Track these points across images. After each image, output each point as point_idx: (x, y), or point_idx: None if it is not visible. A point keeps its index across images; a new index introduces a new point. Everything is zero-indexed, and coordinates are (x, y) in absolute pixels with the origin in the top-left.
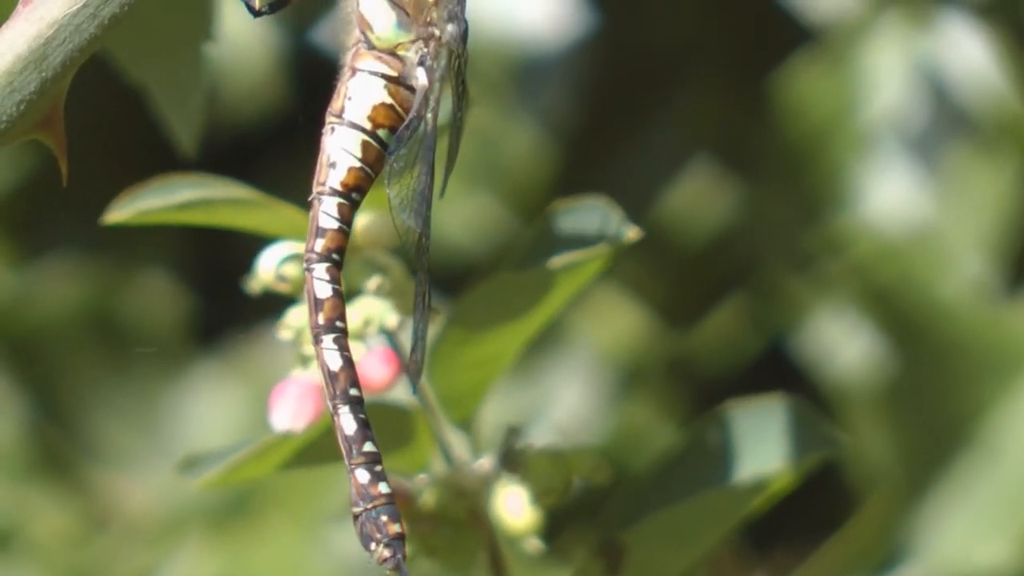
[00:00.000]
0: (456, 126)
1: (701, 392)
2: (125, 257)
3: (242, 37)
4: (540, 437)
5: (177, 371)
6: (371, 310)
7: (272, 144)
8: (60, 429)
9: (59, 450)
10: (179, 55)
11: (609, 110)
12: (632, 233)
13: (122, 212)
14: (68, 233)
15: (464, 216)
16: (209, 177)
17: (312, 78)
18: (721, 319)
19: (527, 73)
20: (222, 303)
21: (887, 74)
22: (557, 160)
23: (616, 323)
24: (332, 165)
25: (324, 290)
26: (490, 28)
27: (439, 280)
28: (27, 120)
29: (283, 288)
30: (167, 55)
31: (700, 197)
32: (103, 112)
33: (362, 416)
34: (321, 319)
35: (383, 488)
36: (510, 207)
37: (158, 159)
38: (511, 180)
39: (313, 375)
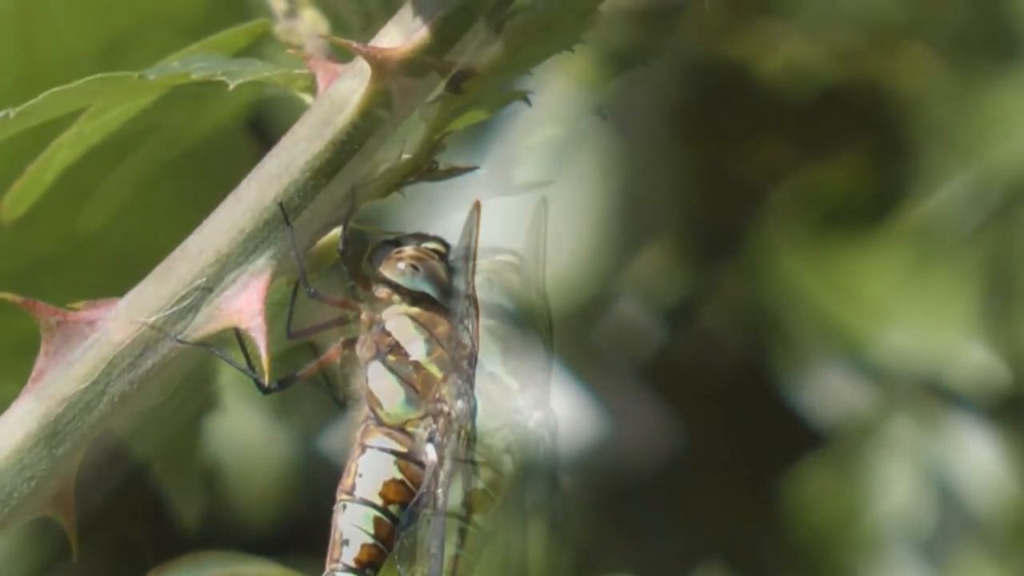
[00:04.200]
0: (466, 503)
1: None
2: None
3: (251, 445)
4: None
5: None
6: None
7: (282, 552)
8: None
9: None
10: (179, 426)
11: (614, 517)
12: None
13: None
14: None
15: None
16: (237, 555)
17: (321, 487)
18: None
19: (529, 474)
20: None
21: (895, 477)
22: (565, 564)
23: None
24: (345, 542)
25: None
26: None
27: None
28: (37, 497)
29: None
30: (168, 427)
31: None
32: (113, 490)
33: None
34: None
35: None
36: None
37: (170, 543)
38: None
39: None
